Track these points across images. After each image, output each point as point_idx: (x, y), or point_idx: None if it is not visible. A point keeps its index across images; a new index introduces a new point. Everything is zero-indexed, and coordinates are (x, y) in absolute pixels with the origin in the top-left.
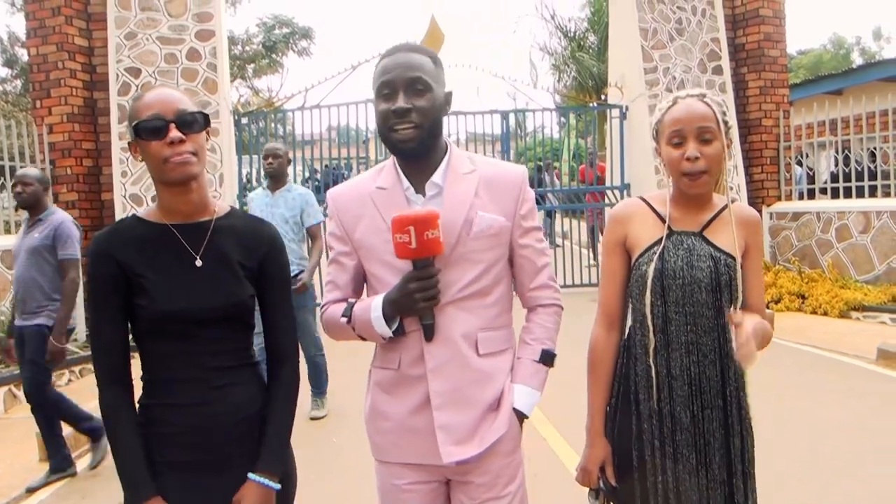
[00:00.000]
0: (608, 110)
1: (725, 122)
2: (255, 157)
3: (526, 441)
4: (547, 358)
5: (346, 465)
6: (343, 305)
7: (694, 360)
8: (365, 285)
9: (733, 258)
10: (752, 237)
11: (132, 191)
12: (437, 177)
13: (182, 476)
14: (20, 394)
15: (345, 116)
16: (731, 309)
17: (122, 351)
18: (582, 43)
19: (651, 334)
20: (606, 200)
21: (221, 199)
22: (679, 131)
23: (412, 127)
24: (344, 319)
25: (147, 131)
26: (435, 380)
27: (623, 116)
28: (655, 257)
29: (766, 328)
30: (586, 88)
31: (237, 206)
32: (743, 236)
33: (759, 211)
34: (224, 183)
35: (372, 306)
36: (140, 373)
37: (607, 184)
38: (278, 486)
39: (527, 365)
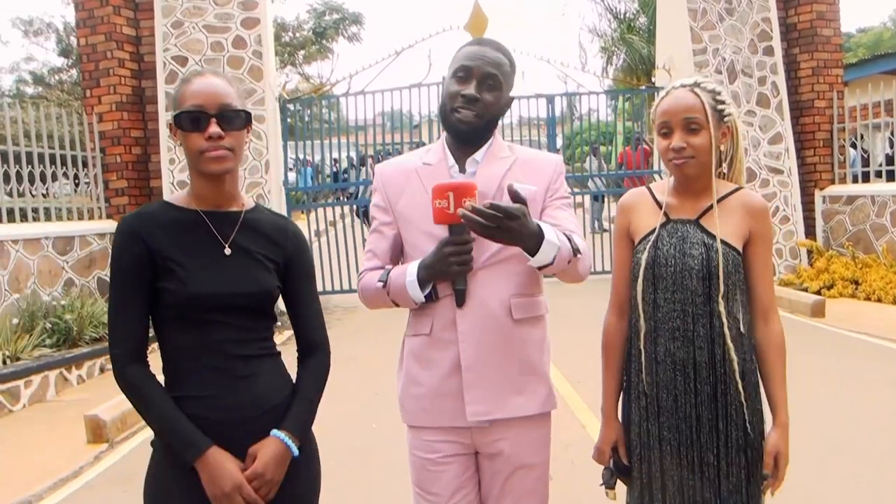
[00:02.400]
0: (656, 93)
1: (720, 111)
2: (300, 143)
3: (563, 425)
4: (574, 245)
5: (385, 449)
6: (379, 271)
7: (679, 346)
8: (401, 256)
9: (727, 245)
10: (758, 226)
11: (180, 178)
12: (477, 156)
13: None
14: (71, 377)
15: (389, 101)
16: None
17: (143, 334)
18: (632, 24)
19: (641, 320)
20: None
21: (267, 185)
22: (666, 123)
23: (473, 115)
24: (380, 284)
25: (187, 122)
26: (465, 342)
27: None
28: (649, 245)
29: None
30: (636, 71)
31: (283, 191)
32: (747, 224)
33: (812, 194)
34: (270, 169)
35: (407, 271)
36: (160, 366)
37: (655, 168)
38: (296, 452)
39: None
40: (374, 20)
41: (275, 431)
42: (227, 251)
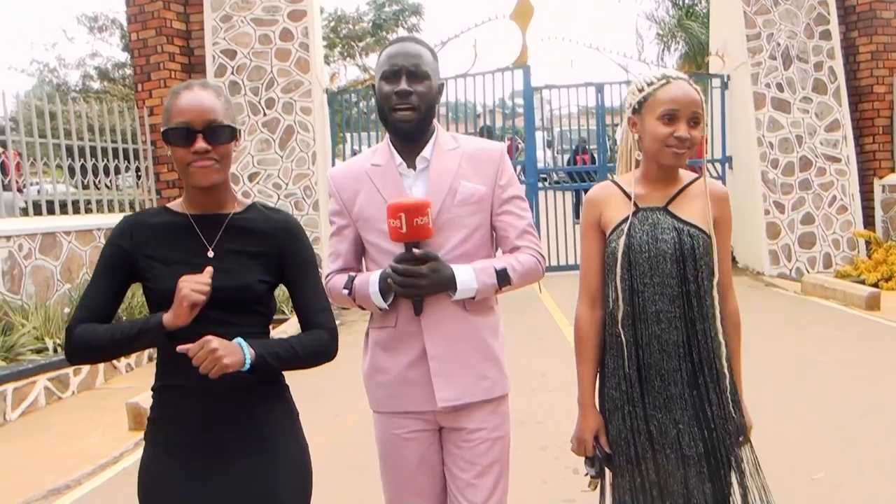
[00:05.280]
0: (709, 81)
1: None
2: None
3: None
4: (503, 276)
5: None
6: (344, 277)
7: (663, 328)
8: (364, 254)
9: (697, 228)
10: (721, 211)
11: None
12: (425, 152)
13: (185, 463)
14: (119, 365)
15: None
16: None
17: (104, 314)
18: (691, 10)
19: (621, 304)
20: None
21: (314, 176)
22: (675, 111)
23: (410, 108)
24: (345, 291)
25: (175, 138)
26: (430, 334)
27: (724, 86)
28: (623, 234)
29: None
30: (695, 59)
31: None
32: (711, 210)
33: (871, 183)
34: (317, 161)
35: (370, 281)
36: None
37: (706, 157)
38: (247, 364)
39: (484, 263)
40: (434, 10)
41: (238, 339)
42: (210, 254)
